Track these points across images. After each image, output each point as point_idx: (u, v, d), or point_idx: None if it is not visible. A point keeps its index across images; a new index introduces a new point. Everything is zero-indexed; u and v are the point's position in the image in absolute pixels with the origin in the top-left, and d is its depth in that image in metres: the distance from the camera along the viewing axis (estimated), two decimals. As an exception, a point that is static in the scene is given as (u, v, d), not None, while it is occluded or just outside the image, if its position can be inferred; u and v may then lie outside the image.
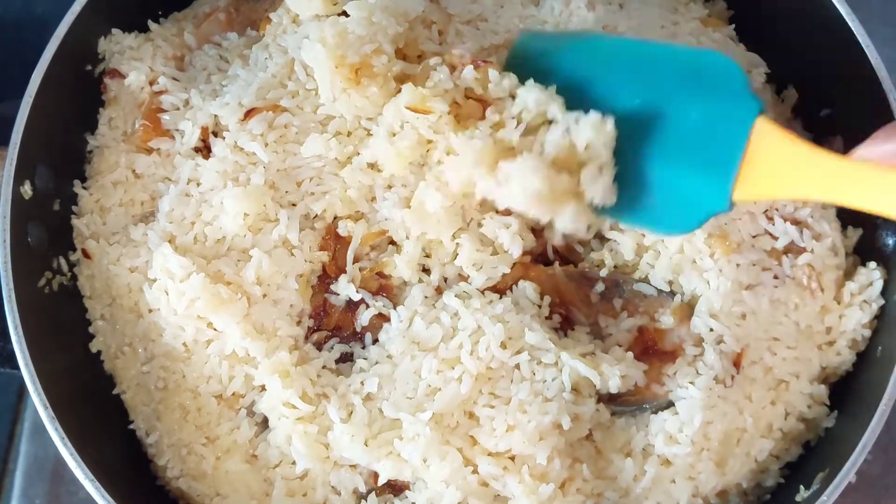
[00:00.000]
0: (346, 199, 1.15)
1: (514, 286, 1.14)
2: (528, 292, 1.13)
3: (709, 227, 1.12)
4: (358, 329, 1.14)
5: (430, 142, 1.12)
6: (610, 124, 1.00)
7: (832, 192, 0.92)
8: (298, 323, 1.14)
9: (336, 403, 1.08)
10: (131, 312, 1.19)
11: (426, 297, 1.13)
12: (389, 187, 1.15)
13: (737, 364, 1.10)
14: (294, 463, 1.11)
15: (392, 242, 1.17)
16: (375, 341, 1.14)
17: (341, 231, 1.15)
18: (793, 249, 1.15)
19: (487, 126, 1.08)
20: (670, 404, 1.09)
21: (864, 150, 0.90)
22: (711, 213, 1.00)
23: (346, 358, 1.14)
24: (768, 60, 1.30)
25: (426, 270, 1.16)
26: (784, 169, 0.94)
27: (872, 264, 1.17)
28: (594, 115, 1.01)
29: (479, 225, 1.13)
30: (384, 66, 1.11)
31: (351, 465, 1.10)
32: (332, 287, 1.15)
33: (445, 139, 1.09)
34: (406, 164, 1.12)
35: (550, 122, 1.06)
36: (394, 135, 1.12)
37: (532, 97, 1.06)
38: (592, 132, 1.01)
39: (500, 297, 1.12)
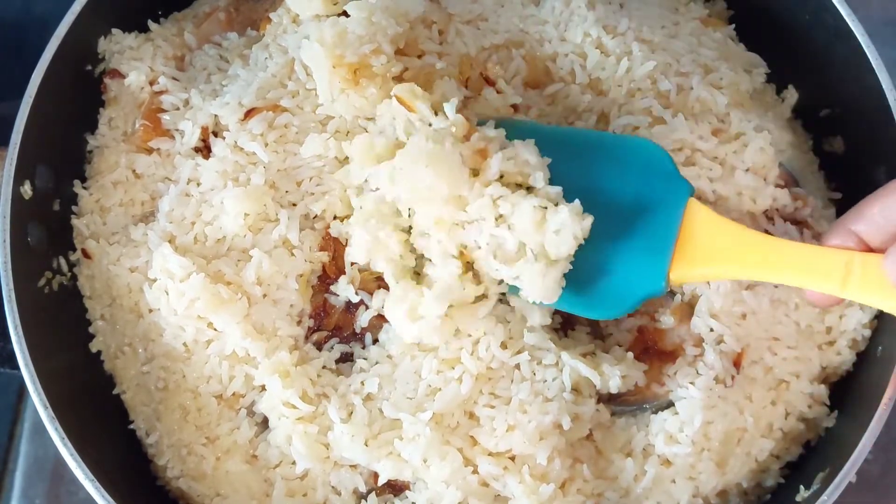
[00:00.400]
0: (346, 199, 1.15)
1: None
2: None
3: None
4: (357, 330, 1.14)
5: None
6: (589, 220, 0.97)
7: (767, 272, 0.95)
8: (299, 323, 1.14)
9: (336, 403, 1.08)
10: (131, 312, 1.19)
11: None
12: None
13: (737, 364, 1.10)
14: (294, 463, 1.11)
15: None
16: (375, 341, 1.14)
17: (333, 232, 1.15)
18: (793, 249, 1.15)
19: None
20: (670, 404, 1.09)
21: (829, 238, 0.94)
22: (646, 295, 1.00)
23: (347, 358, 1.14)
24: (768, 60, 1.30)
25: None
26: (718, 249, 0.96)
27: (872, 264, 1.17)
28: (577, 204, 0.98)
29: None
30: (383, 66, 1.11)
31: (351, 465, 1.10)
32: (332, 287, 1.15)
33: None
34: (375, 161, 1.09)
35: (527, 189, 1.02)
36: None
37: (526, 155, 1.02)
38: (570, 220, 0.96)
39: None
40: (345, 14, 1.14)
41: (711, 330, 1.10)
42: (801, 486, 1.10)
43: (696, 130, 1.12)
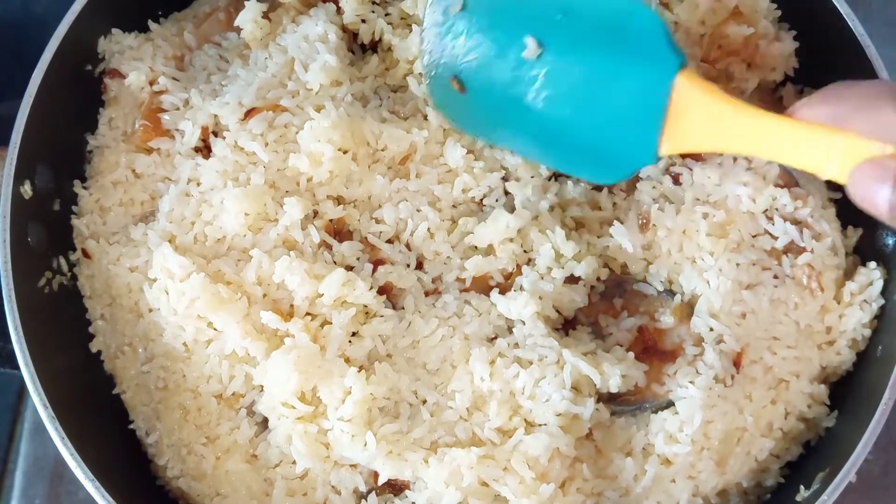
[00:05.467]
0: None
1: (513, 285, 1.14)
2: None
3: (708, 226, 1.13)
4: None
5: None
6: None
7: (754, 146, 0.94)
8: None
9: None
10: (131, 312, 1.19)
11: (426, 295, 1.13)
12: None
13: (737, 363, 1.10)
14: (294, 463, 1.10)
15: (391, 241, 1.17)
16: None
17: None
18: (793, 249, 1.15)
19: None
20: (670, 404, 1.09)
21: (800, 109, 0.89)
22: (639, 165, 1.02)
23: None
24: (768, 60, 1.30)
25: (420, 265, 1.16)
26: (707, 124, 0.95)
27: (872, 264, 1.17)
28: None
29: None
30: None
31: (351, 465, 1.10)
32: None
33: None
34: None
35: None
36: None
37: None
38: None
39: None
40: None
41: (711, 329, 1.10)
42: (801, 486, 1.10)
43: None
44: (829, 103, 0.84)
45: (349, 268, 1.13)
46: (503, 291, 1.14)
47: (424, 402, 1.09)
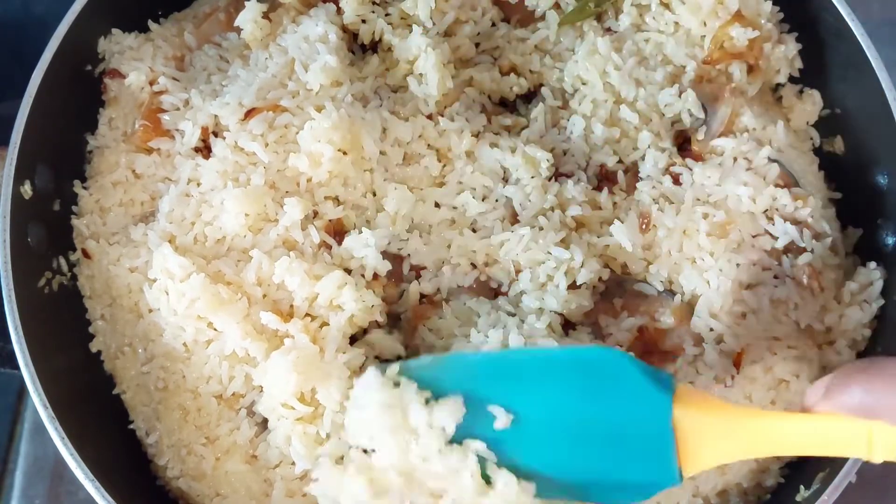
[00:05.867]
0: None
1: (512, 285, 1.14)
2: (529, 292, 1.13)
3: (708, 226, 1.13)
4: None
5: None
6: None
7: (783, 447, 0.91)
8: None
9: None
10: (131, 312, 1.19)
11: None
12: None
13: (737, 363, 1.10)
14: (294, 463, 1.10)
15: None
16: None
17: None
18: (793, 249, 1.15)
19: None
20: (670, 404, 1.09)
21: (819, 403, 0.87)
22: (665, 487, 0.94)
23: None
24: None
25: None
26: (724, 438, 0.91)
27: (872, 264, 1.17)
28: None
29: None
30: None
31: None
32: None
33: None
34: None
35: None
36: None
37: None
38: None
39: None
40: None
41: (711, 329, 1.10)
42: (801, 486, 1.10)
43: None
44: (850, 394, 0.84)
45: (348, 270, 1.13)
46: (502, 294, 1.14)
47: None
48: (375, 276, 1.13)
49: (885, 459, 0.84)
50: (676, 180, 1.19)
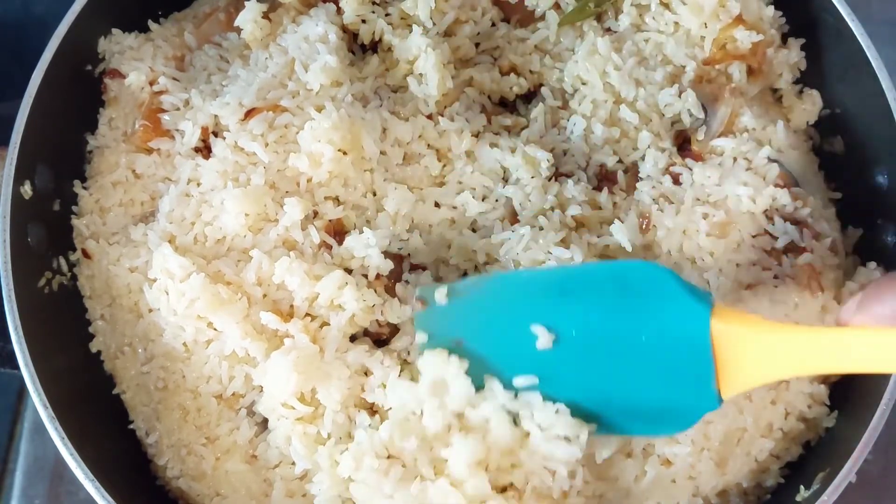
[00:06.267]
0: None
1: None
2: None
3: (708, 226, 1.13)
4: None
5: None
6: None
7: (821, 364, 0.89)
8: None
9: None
10: (131, 312, 1.19)
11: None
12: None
13: (737, 364, 1.10)
14: (294, 463, 1.10)
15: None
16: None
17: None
18: (793, 249, 1.15)
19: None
20: (670, 404, 1.09)
21: (854, 316, 0.86)
22: (704, 412, 0.95)
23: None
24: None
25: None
26: (763, 356, 0.89)
27: (872, 264, 1.17)
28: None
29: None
30: None
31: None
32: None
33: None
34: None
35: None
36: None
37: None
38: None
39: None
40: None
41: (711, 330, 1.10)
42: (801, 486, 1.10)
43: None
44: (883, 304, 0.83)
45: (349, 270, 1.13)
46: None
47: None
48: (377, 275, 1.13)
49: None
50: (676, 180, 1.19)
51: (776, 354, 0.88)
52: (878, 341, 0.82)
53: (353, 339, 1.13)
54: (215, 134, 1.22)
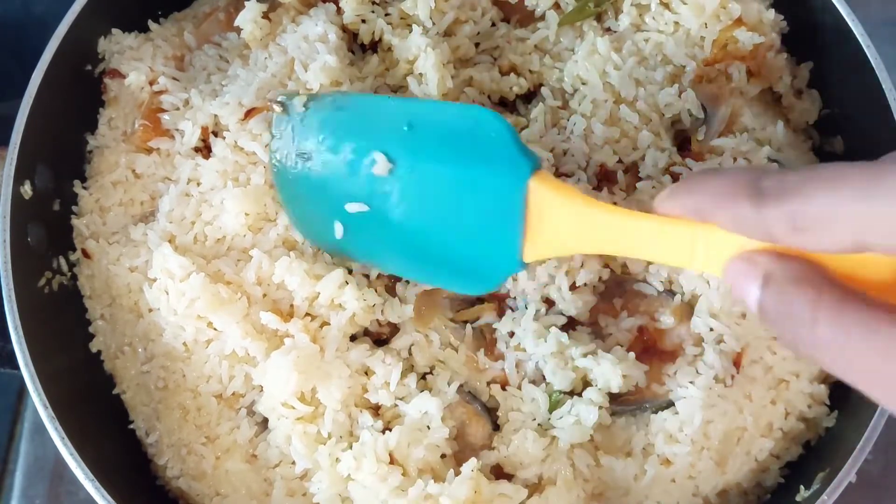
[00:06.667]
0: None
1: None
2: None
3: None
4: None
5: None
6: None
7: (617, 245, 0.89)
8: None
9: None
10: (131, 312, 1.19)
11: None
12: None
13: (737, 363, 1.10)
14: (294, 463, 1.11)
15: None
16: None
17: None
18: (793, 249, 1.15)
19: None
20: (670, 404, 1.09)
21: (661, 203, 0.82)
22: (505, 274, 0.96)
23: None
24: (768, 60, 1.30)
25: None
26: (567, 226, 0.89)
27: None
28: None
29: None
30: None
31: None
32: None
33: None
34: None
35: None
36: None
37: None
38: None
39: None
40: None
41: (711, 329, 1.10)
42: (801, 486, 1.10)
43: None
44: (691, 195, 0.77)
45: (349, 270, 1.13)
46: (503, 298, 1.14)
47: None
48: (378, 275, 1.13)
49: (704, 269, 0.79)
50: (676, 180, 1.19)
51: (580, 227, 0.89)
52: (670, 231, 0.81)
53: (353, 338, 1.13)
54: (215, 134, 1.22)
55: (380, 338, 1.14)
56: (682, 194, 0.78)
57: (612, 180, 1.21)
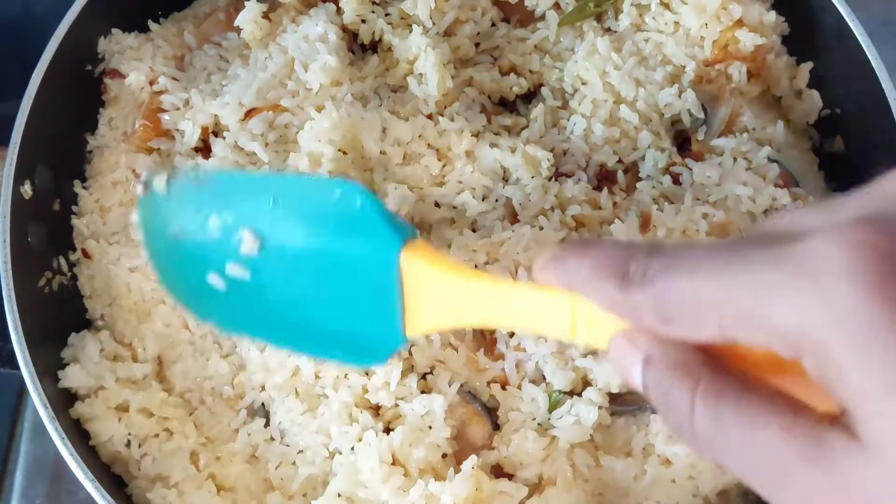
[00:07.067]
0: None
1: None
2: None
3: (708, 226, 1.13)
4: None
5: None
6: None
7: (496, 317, 0.83)
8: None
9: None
10: (131, 312, 1.19)
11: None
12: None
13: (737, 364, 1.10)
14: (294, 463, 1.11)
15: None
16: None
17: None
18: (793, 249, 1.15)
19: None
20: (670, 404, 1.09)
21: (538, 272, 0.74)
22: (392, 349, 0.91)
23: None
24: (768, 60, 1.30)
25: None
26: (443, 298, 0.84)
27: None
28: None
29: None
30: None
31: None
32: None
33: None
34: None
35: None
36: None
37: None
38: None
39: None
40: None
41: (711, 329, 1.10)
42: (801, 486, 1.10)
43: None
44: (564, 270, 0.70)
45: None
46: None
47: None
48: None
49: (587, 343, 0.73)
50: (676, 180, 1.19)
51: (458, 299, 0.83)
52: (547, 302, 0.75)
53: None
54: (215, 134, 1.22)
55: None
56: (554, 268, 0.71)
57: (612, 180, 1.21)
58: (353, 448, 1.06)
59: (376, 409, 1.10)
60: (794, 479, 0.52)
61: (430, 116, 1.23)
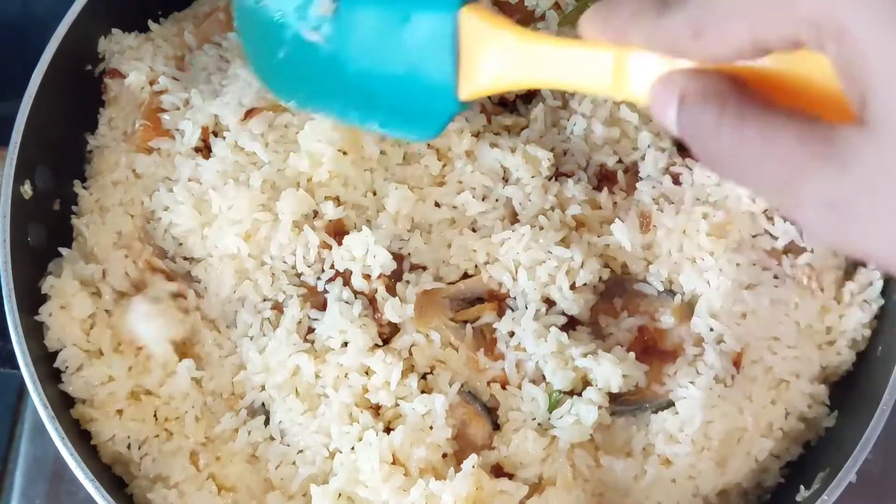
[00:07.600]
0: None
1: (513, 286, 1.14)
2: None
3: (708, 226, 1.13)
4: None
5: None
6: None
7: (540, 73, 0.87)
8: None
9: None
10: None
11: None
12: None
13: (737, 364, 1.10)
14: (294, 463, 1.11)
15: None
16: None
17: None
18: (793, 249, 1.15)
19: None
20: (670, 404, 1.09)
21: (583, 27, 0.78)
22: (446, 115, 0.96)
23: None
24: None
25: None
26: (496, 57, 0.88)
27: (872, 264, 1.17)
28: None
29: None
30: None
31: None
32: (332, 287, 1.15)
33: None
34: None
35: None
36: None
37: None
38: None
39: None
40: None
41: (711, 330, 1.10)
42: (801, 486, 1.10)
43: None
44: (607, 19, 0.73)
45: (349, 271, 1.13)
46: (503, 298, 1.14)
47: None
48: (380, 274, 1.13)
49: (631, 97, 0.76)
50: (676, 180, 1.19)
51: (512, 58, 0.87)
52: (596, 57, 0.79)
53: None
54: (215, 133, 1.22)
55: (380, 337, 1.14)
56: (599, 19, 0.74)
57: (612, 180, 1.21)
58: (353, 448, 1.06)
59: (376, 409, 1.10)
60: (808, 178, 0.56)
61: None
